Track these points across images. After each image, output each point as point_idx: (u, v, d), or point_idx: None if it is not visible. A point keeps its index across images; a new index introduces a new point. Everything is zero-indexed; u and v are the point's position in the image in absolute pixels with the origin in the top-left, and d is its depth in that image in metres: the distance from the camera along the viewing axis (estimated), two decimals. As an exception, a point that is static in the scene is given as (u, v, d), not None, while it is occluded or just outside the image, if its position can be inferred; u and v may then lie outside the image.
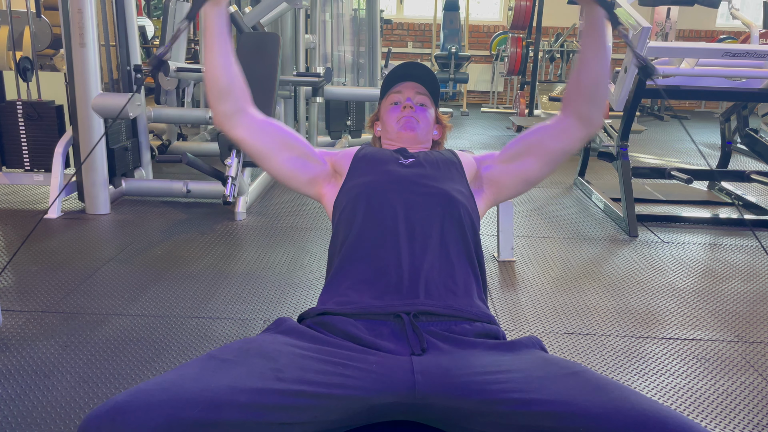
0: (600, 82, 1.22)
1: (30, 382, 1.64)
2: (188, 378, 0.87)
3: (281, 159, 1.32)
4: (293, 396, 0.88)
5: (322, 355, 0.97)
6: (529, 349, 1.05)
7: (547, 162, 1.31)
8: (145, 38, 5.79)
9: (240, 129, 1.28)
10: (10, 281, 2.30)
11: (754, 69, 3.35)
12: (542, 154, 1.31)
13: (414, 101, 1.48)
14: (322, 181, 1.37)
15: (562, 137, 1.28)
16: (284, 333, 1.05)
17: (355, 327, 1.06)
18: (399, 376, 0.95)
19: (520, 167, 1.33)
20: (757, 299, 2.35)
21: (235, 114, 1.27)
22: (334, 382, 0.92)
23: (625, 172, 3.28)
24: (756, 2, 8.05)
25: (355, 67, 5.58)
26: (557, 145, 1.29)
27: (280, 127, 1.34)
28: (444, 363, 0.98)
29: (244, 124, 1.28)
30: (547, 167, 1.32)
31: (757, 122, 5.83)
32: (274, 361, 0.93)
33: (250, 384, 0.87)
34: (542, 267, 2.62)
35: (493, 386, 0.92)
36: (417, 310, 1.08)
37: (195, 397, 0.83)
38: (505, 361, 0.98)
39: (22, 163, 3.32)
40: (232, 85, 1.25)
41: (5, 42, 4.42)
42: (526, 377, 0.92)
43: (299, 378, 0.91)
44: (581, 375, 0.93)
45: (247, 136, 1.29)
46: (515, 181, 1.35)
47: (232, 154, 2.91)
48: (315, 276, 2.44)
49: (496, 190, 1.36)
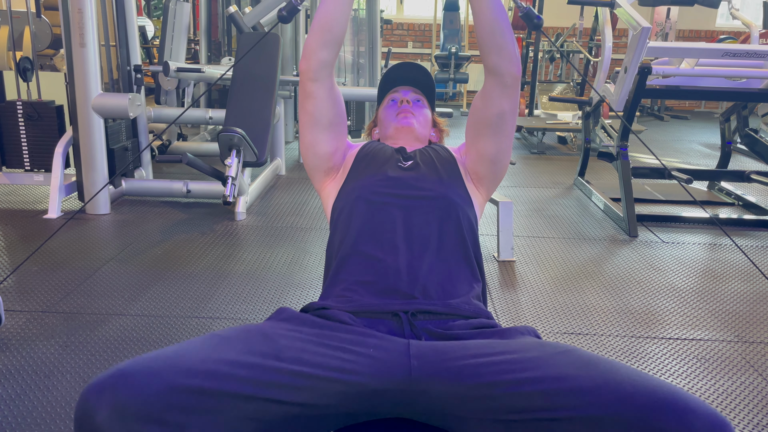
0: (495, 29, 1.22)
1: (30, 382, 1.64)
2: (190, 350, 0.88)
3: (325, 134, 1.35)
4: (290, 375, 0.90)
5: (321, 339, 0.99)
6: (523, 336, 1.06)
7: (494, 132, 1.30)
8: (145, 38, 5.79)
9: (323, 85, 1.29)
10: (10, 281, 2.30)
11: (754, 69, 3.36)
12: (484, 126, 1.31)
13: (411, 98, 1.52)
14: (333, 172, 1.39)
15: (489, 101, 1.28)
16: (285, 320, 1.07)
17: (354, 321, 1.07)
18: (396, 360, 0.97)
19: (479, 149, 1.34)
20: (757, 299, 2.35)
21: (327, 68, 1.28)
22: (331, 366, 0.93)
23: (625, 172, 3.28)
24: (756, 2, 8.05)
25: (355, 67, 5.58)
26: (489, 110, 1.29)
27: (343, 108, 1.37)
28: (440, 347, 0.99)
29: (328, 83, 1.30)
30: (498, 137, 1.31)
31: (757, 122, 5.83)
32: (274, 342, 0.95)
33: (250, 360, 0.89)
34: (542, 267, 2.62)
35: (486, 368, 0.93)
36: (415, 309, 1.09)
37: (196, 366, 0.85)
38: (500, 344, 1.00)
39: (22, 163, 3.32)
40: (342, 35, 1.27)
41: (5, 42, 4.42)
42: (520, 358, 0.93)
43: (298, 358, 0.92)
44: (573, 352, 0.94)
45: (325, 96, 1.31)
46: (484, 164, 1.34)
47: (232, 154, 2.91)
48: (315, 276, 2.44)
49: (478, 180, 1.37)
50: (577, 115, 5.73)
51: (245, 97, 3.30)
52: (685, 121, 7.57)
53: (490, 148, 1.32)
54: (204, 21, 5.23)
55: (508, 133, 1.31)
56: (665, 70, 3.32)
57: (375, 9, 5.62)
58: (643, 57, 3.05)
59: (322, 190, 1.40)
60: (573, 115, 5.78)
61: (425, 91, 1.56)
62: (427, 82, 1.56)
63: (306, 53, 1.27)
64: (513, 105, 1.28)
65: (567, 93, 6.62)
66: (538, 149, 5.38)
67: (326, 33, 1.25)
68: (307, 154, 1.38)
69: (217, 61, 5.14)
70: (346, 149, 1.42)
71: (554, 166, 4.79)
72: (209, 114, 4.00)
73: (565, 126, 5.55)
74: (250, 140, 2.90)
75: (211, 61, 5.23)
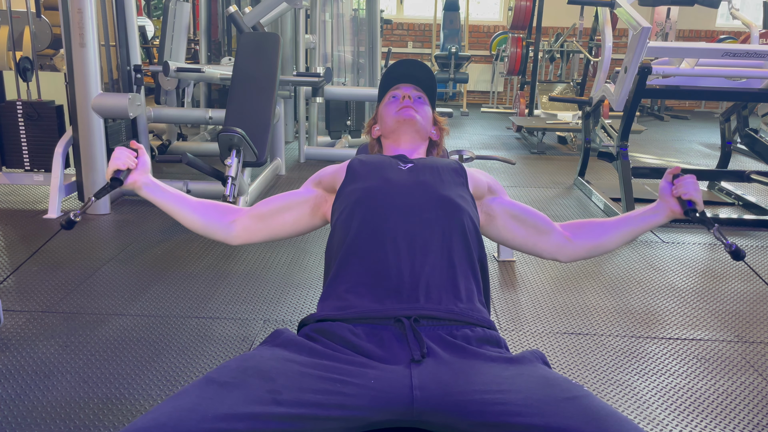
0: (606, 252, 1.36)
1: (30, 382, 1.64)
2: (185, 410, 0.86)
3: (288, 227, 1.38)
4: (291, 420, 0.88)
5: (320, 371, 0.96)
6: (532, 363, 1.03)
7: (524, 243, 1.37)
8: (145, 38, 5.79)
9: (243, 236, 1.36)
10: (10, 281, 2.30)
11: (754, 69, 3.35)
12: (525, 234, 1.36)
13: (412, 94, 1.49)
14: (320, 205, 1.38)
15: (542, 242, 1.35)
16: (282, 346, 1.03)
17: (355, 334, 1.04)
18: (397, 391, 0.94)
19: (510, 226, 1.37)
20: (757, 299, 2.35)
21: (231, 232, 1.36)
22: (332, 403, 0.91)
23: (625, 172, 3.27)
24: (756, 2, 8.05)
25: (355, 67, 5.58)
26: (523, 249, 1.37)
27: (275, 202, 1.39)
28: (444, 378, 0.97)
29: (243, 233, 1.36)
30: (522, 246, 1.38)
31: (757, 122, 5.83)
32: (272, 382, 0.92)
33: (248, 410, 0.87)
34: (542, 267, 2.62)
35: (491, 407, 0.91)
36: (418, 314, 1.07)
37: (194, 429, 0.83)
38: (506, 378, 0.97)
39: (22, 163, 3.32)
40: (210, 223, 1.36)
41: (5, 42, 4.42)
42: (526, 399, 0.91)
43: (297, 400, 0.90)
44: (581, 401, 0.91)
45: (252, 238, 1.37)
46: (500, 231, 1.38)
47: (232, 154, 2.90)
48: (315, 276, 2.44)
49: (487, 223, 1.38)
50: (577, 115, 5.73)
51: (245, 97, 3.30)
52: (685, 121, 7.57)
53: (512, 241, 1.39)
54: (204, 21, 5.23)
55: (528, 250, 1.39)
56: (665, 70, 3.32)
57: (375, 9, 5.62)
58: (643, 57, 3.05)
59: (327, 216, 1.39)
60: (573, 115, 5.77)
61: (426, 88, 1.53)
62: (428, 80, 1.54)
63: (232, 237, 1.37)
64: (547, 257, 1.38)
65: (567, 93, 6.62)
66: (538, 149, 5.38)
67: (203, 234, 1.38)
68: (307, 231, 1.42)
69: (217, 61, 5.14)
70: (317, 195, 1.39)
71: (554, 166, 4.79)
72: (209, 114, 4.00)
73: (565, 126, 5.55)
74: (250, 140, 2.90)
75: (211, 61, 5.23)
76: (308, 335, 1.08)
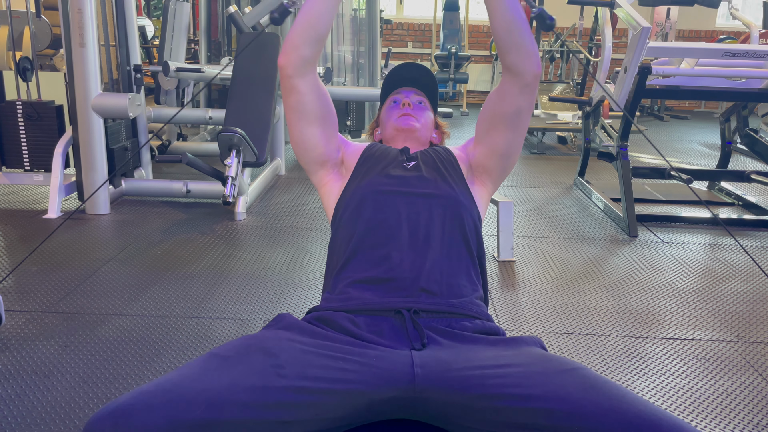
0: (512, 28, 1.22)
1: (30, 382, 1.64)
2: (189, 378, 0.87)
3: (313, 128, 1.33)
4: (294, 392, 0.89)
5: (322, 350, 0.98)
6: (528, 346, 1.05)
7: (509, 128, 1.30)
8: (145, 38, 5.79)
9: (306, 80, 1.28)
10: (10, 281, 2.30)
11: (754, 69, 3.35)
12: (499, 122, 1.31)
13: (413, 100, 1.51)
14: (330, 167, 1.38)
15: (507, 97, 1.28)
16: (285, 328, 1.06)
17: (355, 324, 1.06)
18: (399, 369, 0.96)
19: (491, 143, 1.33)
20: (757, 299, 2.35)
21: (310, 64, 1.27)
22: (334, 377, 0.93)
23: (625, 172, 3.27)
24: (756, 2, 8.05)
25: (355, 67, 5.58)
26: (506, 107, 1.28)
27: (330, 100, 1.35)
28: (444, 357, 0.99)
29: (311, 79, 1.28)
30: (512, 133, 1.31)
31: (757, 122, 5.83)
32: (275, 357, 0.93)
33: (251, 382, 0.88)
34: (542, 267, 2.62)
35: (491, 380, 0.92)
36: (418, 307, 1.09)
37: (196, 397, 0.84)
38: (505, 356, 0.99)
39: (21, 163, 3.32)
40: (326, 33, 1.26)
41: (5, 42, 4.42)
42: (525, 372, 0.93)
43: (300, 373, 0.91)
44: (579, 372, 0.93)
45: (307, 91, 1.28)
46: (494, 158, 1.34)
47: (232, 154, 2.91)
48: (315, 276, 2.44)
49: (486, 174, 1.37)
50: (577, 115, 5.73)
51: (245, 97, 3.30)
52: (685, 121, 7.57)
53: (503, 143, 1.32)
54: (204, 21, 5.23)
55: (522, 130, 1.32)
56: (665, 70, 3.32)
57: (375, 9, 5.62)
58: (643, 57, 3.05)
59: (322, 186, 1.39)
60: (573, 115, 5.78)
61: (428, 92, 1.55)
62: (430, 84, 1.56)
63: (286, 49, 1.25)
64: (530, 102, 1.29)
65: (567, 93, 6.62)
66: (538, 149, 5.38)
67: (310, 30, 1.23)
68: (297, 150, 1.37)
69: (216, 61, 5.14)
70: (340, 143, 1.41)
71: (554, 166, 4.79)
72: (209, 114, 4.00)
73: (565, 126, 5.55)
74: (249, 140, 2.90)
75: (211, 61, 5.23)
76: (310, 323, 1.10)
